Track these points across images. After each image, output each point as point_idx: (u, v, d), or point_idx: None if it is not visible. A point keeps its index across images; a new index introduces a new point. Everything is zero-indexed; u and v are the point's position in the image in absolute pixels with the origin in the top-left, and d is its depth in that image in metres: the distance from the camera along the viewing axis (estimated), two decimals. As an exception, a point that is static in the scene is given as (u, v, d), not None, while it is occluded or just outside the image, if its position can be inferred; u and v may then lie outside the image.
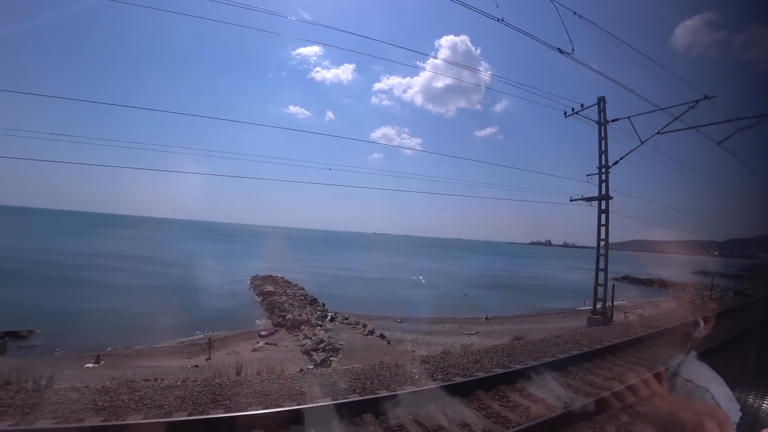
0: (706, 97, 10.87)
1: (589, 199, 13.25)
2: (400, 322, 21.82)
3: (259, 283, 32.91)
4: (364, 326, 18.07)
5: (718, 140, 12.01)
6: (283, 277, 38.06)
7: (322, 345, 15.19)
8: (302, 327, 19.13)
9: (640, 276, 63.26)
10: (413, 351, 14.51)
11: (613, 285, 17.84)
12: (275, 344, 17.29)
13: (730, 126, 11.45)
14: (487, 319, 24.16)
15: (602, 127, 12.93)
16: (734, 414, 0.92)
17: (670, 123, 11.93)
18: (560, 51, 11.79)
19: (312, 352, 14.83)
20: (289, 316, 20.58)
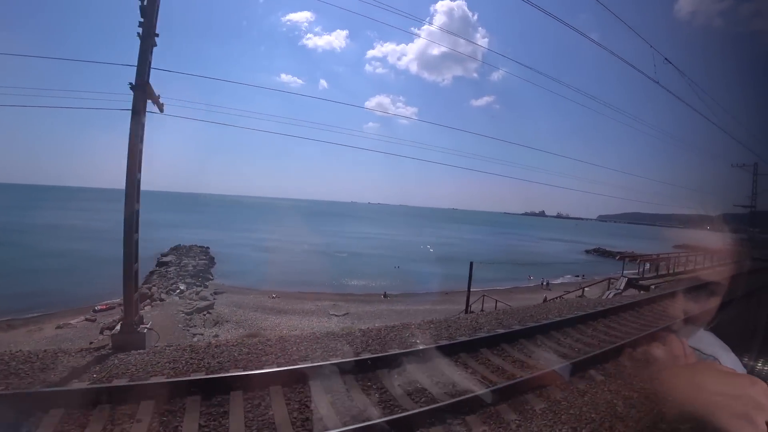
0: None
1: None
2: (274, 297, 19.67)
3: (168, 253, 30.67)
4: (204, 301, 15.94)
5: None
6: (207, 248, 36.07)
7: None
8: (146, 300, 17.00)
9: (612, 249, 61.67)
10: (216, 336, 12.31)
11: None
12: (94, 320, 15.18)
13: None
14: (384, 296, 22.03)
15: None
16: None
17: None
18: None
19: (105, 331, 12.77)
20: (141, 289, 18.34)
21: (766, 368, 1.07)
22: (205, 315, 14.22)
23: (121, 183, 6.01)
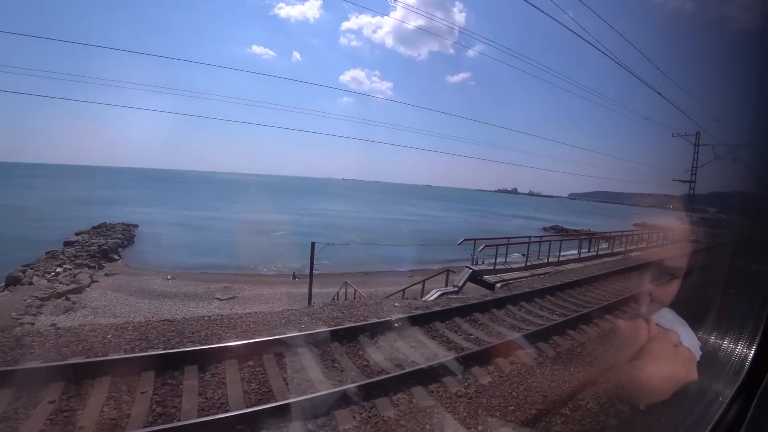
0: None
1: None
2: (169, 278, 18.71)
3: (83, 233, 28.85)
4: (75, 284, 14.93)
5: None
6: (135, 226, 34.48)
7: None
8: (15, 285, 15.79)
9: (569, 227, 62.33)
10: (53, 325, 11.34)
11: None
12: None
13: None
14: (294, 277, 21.33)
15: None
16: (696, 353, 1.07)
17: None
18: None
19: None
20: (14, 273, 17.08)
21: (718, 341, 1.18)
22: (59, 301, 13.20)
23: (75, 159, 4.89)
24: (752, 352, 1.10)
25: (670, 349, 1.04)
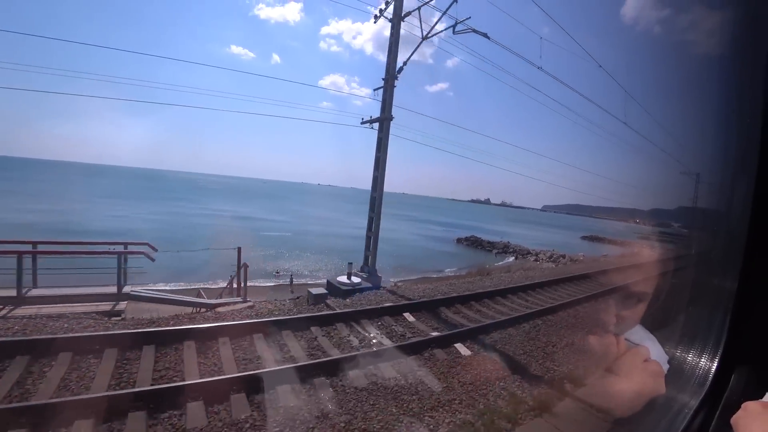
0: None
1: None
2: None
3: None
4: None
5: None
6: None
7: None
8: None
9: (485, 238, 59.06)
10: None
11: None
12: None
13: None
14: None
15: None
16: (663, 367, 1.08)
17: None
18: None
19: None
20: None
21: (684, 355, 1.18)
22: None
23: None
24: (715, 364, 1.11)
25: (641, 364, 1.04)
